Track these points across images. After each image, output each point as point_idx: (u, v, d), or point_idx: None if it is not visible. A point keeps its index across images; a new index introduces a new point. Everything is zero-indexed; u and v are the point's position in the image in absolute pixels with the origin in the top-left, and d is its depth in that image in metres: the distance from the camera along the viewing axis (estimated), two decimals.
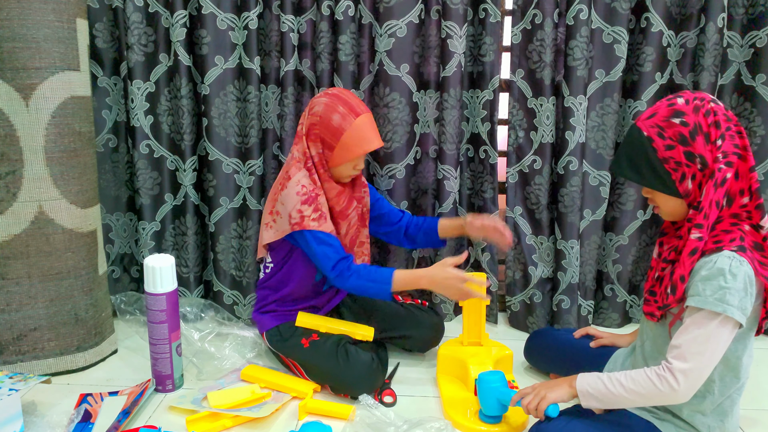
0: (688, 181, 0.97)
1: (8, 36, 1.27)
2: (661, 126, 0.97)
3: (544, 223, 1.71)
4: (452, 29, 1.59)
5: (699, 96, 0.98)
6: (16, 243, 1.35)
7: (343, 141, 1.33)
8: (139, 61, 1.64)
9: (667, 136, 0.96)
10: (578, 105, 1.59)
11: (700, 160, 0.96)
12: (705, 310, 0.93)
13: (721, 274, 0.92)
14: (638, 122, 1.00)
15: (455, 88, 1.64)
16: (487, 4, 1.59)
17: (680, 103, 0.97)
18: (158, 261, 1.32)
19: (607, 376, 1.00)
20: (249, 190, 1.69)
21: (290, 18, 1.60)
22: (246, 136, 1.67)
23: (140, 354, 1.55)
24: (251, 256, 1.72)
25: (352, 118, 1.33)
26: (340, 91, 1.40)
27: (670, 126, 0.96)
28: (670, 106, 0.98)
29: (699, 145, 0.95)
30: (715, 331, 0.92)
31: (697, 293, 0.94)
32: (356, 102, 1.37)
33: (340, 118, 1.33)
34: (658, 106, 1.00)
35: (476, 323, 1.45)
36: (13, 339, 1.39)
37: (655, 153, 0.97)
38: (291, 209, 1.32)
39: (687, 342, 0.94)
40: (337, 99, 1.35)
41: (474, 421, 1.25)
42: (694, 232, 0.96)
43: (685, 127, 0.95)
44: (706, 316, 0.93)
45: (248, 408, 1.25)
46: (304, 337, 1.39)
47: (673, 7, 1.57)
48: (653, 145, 0.97)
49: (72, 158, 1.39)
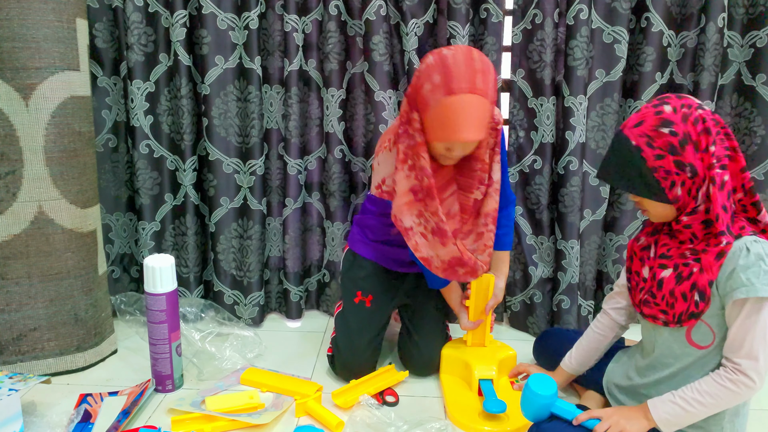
0: (677, 189, 0.97)
1: (8, 36, 1.27)
2: (650, 135, 0.95)
3: (544, 223, 1.71)
4: (456, 29, 1.59)
5: (686, 103, 0.96)
6: (16, 243, 1.35)
7: (429, 117, 1.10)
8: (139, 61, 1.64)
9: (657, 146, 0.95)
10: (578, 105, 1.59)
11: (690, 169, 0.95)
12: (753, 299, 0.92)
13: (761, 259, 0.93)
14: (625, 130, 0.99)
15: None
16: (489, 4, 1.59)
17: (668, 111, 0.95)
18: (158, 261, 1.32)
19: (680, 397, 0.99)
20: (250, 190, 1.69)
21: (294, 18, 1.60)
22: (247, 136, 1.67)
23: (140, 354, 1.55)
24: (252, 255, 1.72)
25: (440, 95, 1.06)
26: (456, 53, 1.08)
27: (660, 136, 0.95)
28: (657, 114, 0.96)
29: (689, 154, 0.95)
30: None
31: (742, 284, 0.93)
32: (462, 74, 1.05)
33: (430, 90, 1.07)
34: (644, 114, 0.97)
35: (481, 324, 1.45)
36: (13, 339, 1.39)
37: (644, 162, 0.96)
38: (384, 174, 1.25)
39: (750, 338, 0.93)
40: (439, 64, 1.07)
41: (477, 421, 1.25)
42: (722, 240, 0.95)
43: (675, 137, 0.94)
44: (757, 305, 0.93)
45: (248, 414, 1.25)
46: (360, 290, 1.43)
47: (674, 7, 1.57)
48: (642, 154, 0.96)
49: (72, 158, 1.39)
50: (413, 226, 1.20)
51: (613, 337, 1.23)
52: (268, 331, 1.74)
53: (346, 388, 1.33)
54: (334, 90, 1.68)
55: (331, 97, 1.68)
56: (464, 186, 1.23)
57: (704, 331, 1.00)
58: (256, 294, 1.75)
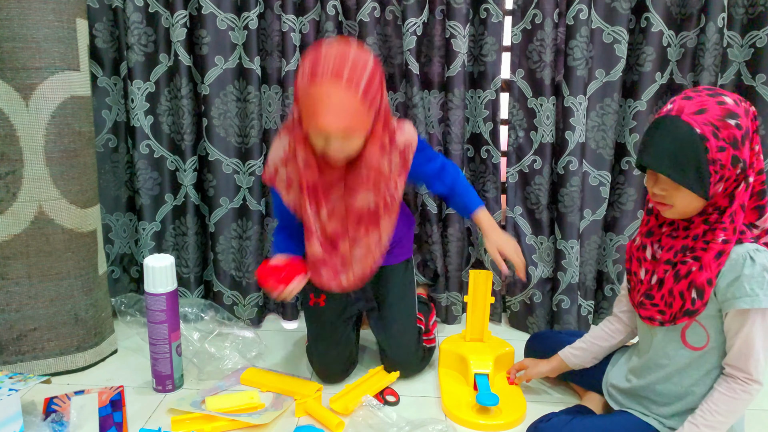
0: (721, 184, 0.94)
1: (8, 36, 1.27)
2: (716, 125, 0.90)
3: (544, 223, 1.71)
4: (456, 29, 1.59)
5: (740, 97, 0.94)
6: (16, 243, 1.35)
7: (300, 107, 1.10)
8: (139, 61, 1.64)
9: (722, 137, 0.90)
10: (578, 105, 1.59)
11: (742, 165, 0.93)
12: (755, 309, 0.92)
13: (765, 270, 0.92)
14: (684, 117, 0.92)
15: (459, 88, 1.64)
16: (489, 4, 1.59)
17: (731, 103, 0.92)
18: (158, 261, 1.32)
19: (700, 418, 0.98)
20: (249, 191, 1.69)
21: (291, 18, 1.60)
22: (246, 136, 1.67)
23: (140, 354, 1.55)
24: (250, 256, 1.72)
25: (306, 83, 1.06)
26: (333, 45, 1.09)
27: (726, 127, 0.90)
28: (720, 104, 0.91)
29: (745, 150, 0.92)
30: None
31: (746, 294, 0.92)
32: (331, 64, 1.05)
33: (300, 79, 1.09)
34: (703, 103, 0.92)
35: (479, 319, 1.46)
36: (13, 339, 1.39)
37: (706, 153, 0.90)
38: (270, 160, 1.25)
39: (757, 348, 0.94)
40: (314, 53, 1.08)
41: (471, 414, 1.26)
42: (720, 235, 0.94)
43: (739, 130, 0.91)
44: (761, 316, 0.93)
45: (248, 414, 1.25)
46: (311, 292, 1.39)
47: (673, 7, 1.57)
48: (706, 144, 0.90)
49: (72, 158, 1.39)
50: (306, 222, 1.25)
51: (620, 341, 1.22)
52: (267, 332, 1.74)
53: (342, 393, 1.32)
54: None
55: None
56: (350, 187, 1.22)
57: (699, 333, 1.00)
58: (255, 295, 1.75)
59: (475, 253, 1.79)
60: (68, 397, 1.31)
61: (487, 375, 1.35)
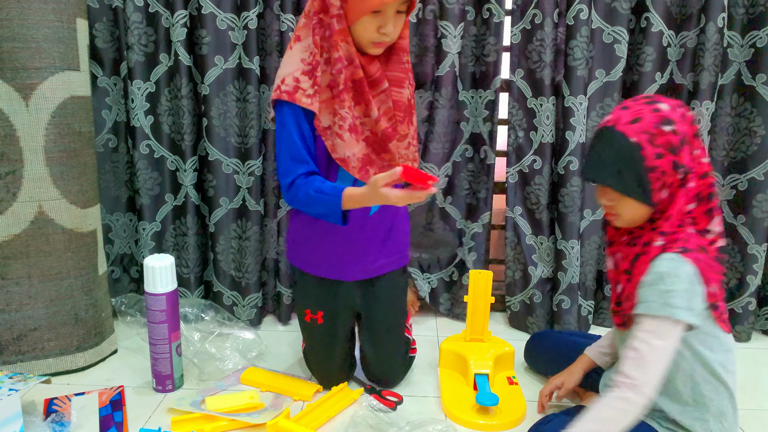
0: (665, 190, 0.96)
1: (8, 36, 1.27)
2: (651, 133, 0.93)
3: (544, 223, 1.71)
4: (447, 29, 1.59)
5: (678, 103, 0.96)
6: (16, 243, 1.35)
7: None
8: (139, 61, 1.64)
9: (658, 143, 0.93)
10: (578, 105, 1.59)
11: (683, 170, 0.95)
12: (651, 316, 0.92)
13: (663, 278, 0.92)
14: (619, 127, 0.95)
15: (447, 88, 1.64)
16: (491, 4, 1.59)
17: (666, 109, 0.94)
18: (158, 261, 1.32)
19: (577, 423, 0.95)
20: (248, 191, 1.69)
21: (290, 17, 1.60)
22: (246, 136, 1.67)
23: (140, 354, 1.55)
24: (250, 256, 1.72)
25: None
26: None
27: (662, 134, 0.93)
28: (655, 111, 0.94)
29: (685, 154, 0.94)
30: (664, 334, 0.92)
31: (643, 300, 0.94)
32: None
33: None
34: (638, 111, 0.95)
35: (479, 319, 1.46)
36: (13, 339, 1.39)
37: (643, 161, 0.93)
38: (286, 74, 1.13)
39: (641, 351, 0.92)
40: None
41: (470, 414, 1.26)
42: (658, 240, 0.95)
43: (676, 135, 0.93)
44: (653, 322, 0.92)
45: (248, 414, 1.25)
46: (308, 308, 1.32)
47: (673, 7, 1.57)
48: (642, 153, 0.93)
49: (72, 158, 1.39)
50: (330, 126, 1.15)
51: None
52: (267, 332, 1.74)
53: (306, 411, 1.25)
54: None
55: None
56: (395, 81, 1.18)
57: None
58: (254, 295, 1.75)
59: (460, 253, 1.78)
60: (68, 398, 1.31)
61: (487, 375, 1.34)
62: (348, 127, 1.14)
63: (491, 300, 1.45)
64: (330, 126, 1.15)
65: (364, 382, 1.41)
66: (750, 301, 1.69)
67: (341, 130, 1.14)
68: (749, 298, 1.69)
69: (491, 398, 1.24)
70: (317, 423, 1.23)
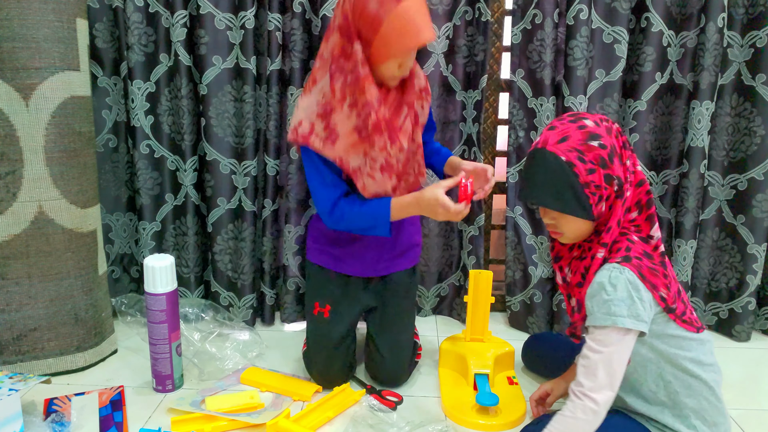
0: (602, 204, 0.97)
1: (8, 36, 1.27)
2: (580, 150, 0.95)
3: (544, 223, 1.71)
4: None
5: (602, 117, 0.98)
6: (16, 243, 1.35)
7: (383, 34, 1.09)
8: (139, 61, 1.64)
9: (588, 159, 0.95)
10: (578, 105, 1.59)
11: (617, 182, 0.96)
12: (597, 326, 0.94)
13: (602, 288, 0.94)
14: (549, 147, 0.96)
15: (432, 88, 1.64)
16: (480, 4, 1.59)
17: (591, 125, 0.96)
18: (158, 261, 1.32)
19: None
20: (244, 191, 1.69)
21: (276, 17, 1.58)
22: (242, 136, 1.67)
23: (140, 354, 1.55)
24: (246, 257, 1.72)
25: (392, 4, 1.07)
26: None
27: (590, 149, 0.95)
28: (581, 128, 0.96)
29: (616, 166, 0.96)
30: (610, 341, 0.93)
31: (589, 312, 0.96)
32: None
33: (377, 5, 1.08)
34: (565, 130, 0.97)
35: (480, 319, 1.47)
36: (13, 339, 1.39)
37: (576, 178, 0.95)
38: (303, 117, 1.19)
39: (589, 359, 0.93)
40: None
41: (470, 414, 1.26)
42: (599, 251, 0.97)
43: (604, 149, 0.95)
44: (600, 332, 0.94)
45: (247, 414, 1.25)
46: (318, 301, 1.38)
47: (673, 7, 1.57)
48: (575, 170, 0.95)
49: (72, 158, 1.39)
50: (361, 167, 1.19)
51: None
52: (267, 332, 1.74)
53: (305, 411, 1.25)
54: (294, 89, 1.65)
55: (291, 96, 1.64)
56: (410, 103, 1.24)
57: None
58: (249, 296, 1.75)
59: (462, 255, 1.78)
60: (68, 398, 1.31)
61: (487, 375, 1.35)
62: (379, 167, 1.18)
63: (491, 300, 1.45)
64: (360, 167, 1.19)
65: (365, 382, 1.41)
66: (750, 301, 1.69)
67: (372, 170, 1.18)
68: (749, 298, 1.69)
69: (491, 398, 1.24)
70: (317, 423, 1.23)
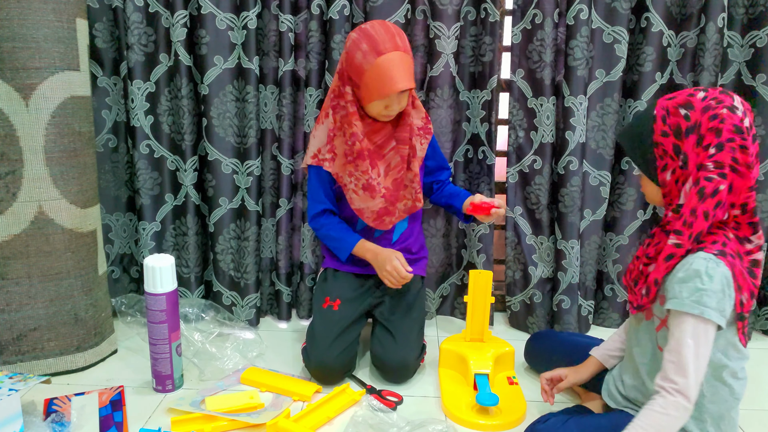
0: (667, 173, 0.97)
1: (8, 36, 1.27)
2: (668, 111, 0.96)
3: (544, 223, 1.71)
4: (440, 29, 1.59)
5: (720, 97, 0.92)
6: (16, 243, 1.35)
7: (365, 81, 1.30)
8: (139, 61, 1.64)
9: (669, 122, 0.95)
10: (578, 105, 1.59)
11: (683, 158, 0.94)
12: (683, 313, 0.92)
13: (698, 276, 0.91)
14: (660, 100, 0.99)
15: (442, 88, 1.64)
16: (487, 4, 1.59)
17: (698, 97, 0.94)
18: (158, 261, 1.32)
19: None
20: (247, 191, 1.69)
21: (288, 18, 1.60)
22: (245, 136, 1.67)
23: (140, 354, 1.55)
24: (249, 257, 1.72)
25: (372, 58, 1.27)
26: (373, 25, 1.31)
27: (675, 114, 0.95)
28: (689, 95, 0.95)
29: (689, 143, 0.93)
30: (697, 334, 0.91)
31: (674, 296, 0.94)
32: (384, 38, 1.28)
33: (362, 57, 1.28)
34: (682, 92, 0.98)
35: (480, 319, 1.47)
36: (13, 339, 1.39)
37: (651, 134, 0.97)
38: (319, 145, 1.43)
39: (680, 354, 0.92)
40: (363, 35, 1.29)
41: (470, 414, 1.26)
42: (672, 237, 0.95)
43: (686, 121, 0.94)
44: (685, 319, 0.92)
45: (247, 414, 1.25)
46: (328, 296, 1.47)
47: (673, 7, 1.57)
48: (653, 125, 0.96)
49: (72, 158, 1.39)
50: (347, 184, 1.42)
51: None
52: (267, 332, 1.74)
53: (305, 411, 1.25)
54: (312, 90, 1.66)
55: (309, 97, 1.66)
56: (401, 139, 1.42)
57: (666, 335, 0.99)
58: (253, 296, 1.75)
59: (467, 256, 1.78)
60: (68, 398, 1.31)
61: (487, 375, 1.35)
62: (362, 186, 1.40)
63: (491, 300, 1.46)
64: (347, 184, 1.42)
65: (365, 382, 1.41)
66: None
67: (356, 188, 1.41)
68: None
69: (491, 398, 1.24)
70: (317, 423, 1.23)
